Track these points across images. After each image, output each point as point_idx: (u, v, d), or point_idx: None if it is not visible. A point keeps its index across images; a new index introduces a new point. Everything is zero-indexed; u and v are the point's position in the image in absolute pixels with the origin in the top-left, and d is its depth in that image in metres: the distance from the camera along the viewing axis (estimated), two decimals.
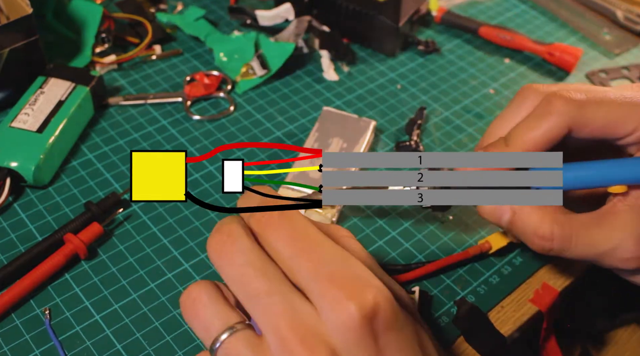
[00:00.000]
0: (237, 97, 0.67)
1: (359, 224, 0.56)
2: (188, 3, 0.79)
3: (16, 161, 0.55)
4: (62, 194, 0.56)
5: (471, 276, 0.53)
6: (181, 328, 0.48)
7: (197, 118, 0.64)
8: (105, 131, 0.63)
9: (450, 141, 0.65)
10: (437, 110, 0.68)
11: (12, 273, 0.49)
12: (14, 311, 0.48)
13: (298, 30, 0.72)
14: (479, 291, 0.52)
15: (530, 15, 0.83)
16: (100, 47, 0.69)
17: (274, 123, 0.65)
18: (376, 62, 0.74)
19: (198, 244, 0.53)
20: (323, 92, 0.69)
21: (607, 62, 0.76)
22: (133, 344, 0.47)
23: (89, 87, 0.61)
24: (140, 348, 0.46)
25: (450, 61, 0.75)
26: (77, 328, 0.47)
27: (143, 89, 0.67)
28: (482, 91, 0.71)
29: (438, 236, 0.55)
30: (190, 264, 0.52)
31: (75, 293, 0.49)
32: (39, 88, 0.60)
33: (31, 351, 0.46)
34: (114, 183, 0.58)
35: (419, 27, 0.78)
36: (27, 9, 0.59)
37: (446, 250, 0.54)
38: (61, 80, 0.61)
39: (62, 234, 0.51)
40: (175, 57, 0.72)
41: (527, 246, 0.46)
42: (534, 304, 0.51)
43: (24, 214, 0.55)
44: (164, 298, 0.49)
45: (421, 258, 0.54)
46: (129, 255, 0.52)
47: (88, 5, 0.69)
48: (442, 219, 0.56)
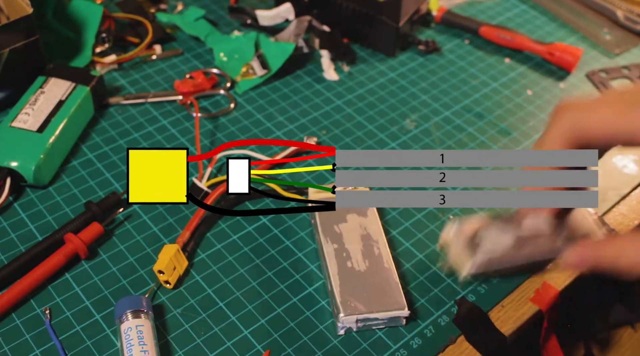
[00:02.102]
0: (238, 97, 0.67)
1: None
2: (188, 3, 0.79)
3: (16, 160, 0.55)
4: (62, 194, 0.56)
5: (472, 276, 0.52)
6: (181, 328, 0.48)
7: (197, 116, 0.64)
8: (105, 130, 0.63)
9: (450, 140, 0.65)
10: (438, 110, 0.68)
11: (12, 273, 0.49)
12: (14, 311, 0.48)
13: (298, 30, 0.72)
14: (479, 291, 0.52)
15: (530, 15, 0.83)
16: (101, 47, 0.69)
17: (274, 123, 0.65)
18: (376, 62, 0.73)
19: (198, 244, 0.53)
20: (323, 92, 0.69)
21: (607, 62, 0.76)
22: None
23: (89, 87, 0.61)
24: None
25: (451, 60, 0.75)
26: (77, 328, 0.47)
27: (143, 89, 0.67)
28: (482, 90, 0.71)
29: (438, 235, 0.55)
30: (190, 264, 0.52)
31: (75, 292, 0.49)
32: (39, 88, 0.60)
33: (31, 351, 0.46)
34: (114, 183, 0.58)
35: (419, 27, 0.78)
36: (27, 9, 0.59)
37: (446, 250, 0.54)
38: (61, 80, 0.61)
39: (62, 234, 0.51)
40: (176, 57, 0.72)
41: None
42: (535, 303, 0.51)
43: (24, 214, 0.55)
44: (165, 298, 0.49)
45: (422, 257, 0.54)
46: (129, 255, 0.52)
47: (88, 5, 0.69)
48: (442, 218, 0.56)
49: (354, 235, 0.51)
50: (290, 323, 0.48)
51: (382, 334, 0.48)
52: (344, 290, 0.48)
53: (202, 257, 0.52)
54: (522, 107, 0.69)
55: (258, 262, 0.52)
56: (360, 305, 0.47)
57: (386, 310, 0.47)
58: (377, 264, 0.50)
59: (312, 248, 0.53)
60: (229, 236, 0.54)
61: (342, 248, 0.50)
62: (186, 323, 0.48)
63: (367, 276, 0.49)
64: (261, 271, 0.52)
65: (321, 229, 0.52)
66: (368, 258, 0.50)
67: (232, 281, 0.51)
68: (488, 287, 0.52)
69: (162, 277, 0.49)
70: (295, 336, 0.48)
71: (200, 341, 0.47)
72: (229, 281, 0.51)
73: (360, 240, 0.51)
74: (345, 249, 0.50)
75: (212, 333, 0.47)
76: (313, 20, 0.72)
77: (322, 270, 0.51)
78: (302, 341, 0.47)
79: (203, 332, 0.47)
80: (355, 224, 0.52)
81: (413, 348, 0.47)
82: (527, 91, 0.71)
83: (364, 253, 0.50)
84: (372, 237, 0.51)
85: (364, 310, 0.47)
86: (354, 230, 0.52)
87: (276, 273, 0.52)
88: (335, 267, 0.49)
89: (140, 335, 0.44)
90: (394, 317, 0.47)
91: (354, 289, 0.48)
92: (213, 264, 0.52)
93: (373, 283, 0.48)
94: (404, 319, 0.48)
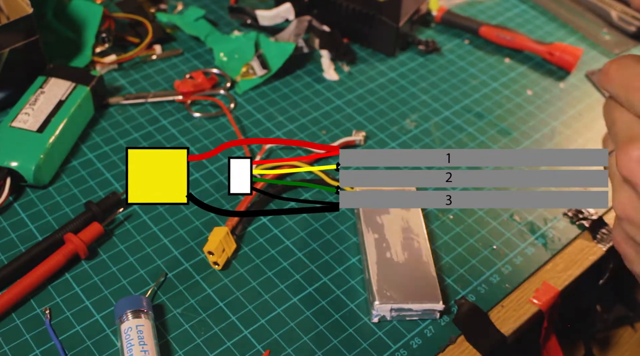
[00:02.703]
0: (238, 97, 0.67)
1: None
2: (188, 3, 0.79)
3: (16, 160, 0.55)
4: (62, 194, 0.56)
5: (472, 275, 0.52)
6: (181, 328, 0.48)
7: (197, 116, 0.64)
8: (105, 130, 0.63)
9: (450, 140, 0.65)
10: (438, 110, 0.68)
11: (12, 273, 0.49)
12: (14, 311, 0.48)
13: (298, 30, 0.72)
14: (479, 291, 0.52)
15: (530, 15, 0.83)
16: (101, 47, 0.69)
17: (274, 123, 0.65)
18: (376, 62, 0.73)
19: (198, 244, 0.53)
20: (323, 91, 0.69)
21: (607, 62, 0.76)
22: None
23: (89, 87, 0.61)
24: None
25: (451, 60, 0.75)
26: (77, 328, 0.47)
27: (143, 89, 0.67)
28: (482, 90, 0.71)
29: (438, 235, 0.55)
30: (190, 264, 0.52)
31: (75, 292, 0.49)
32: (39, 88, 0.60)
33: (31, 351, 0.46)
34: (114, 183, 0.58)
35: (419, 27, 0.78)
36: (27, 9, 0.59)
37: (446, 250, 0.54)
38: (61, 80, 0.61)
39: (62, 234, 0.51)
40: (176, 57, 0.72)
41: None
42: (535, 303, 0.51)
43: (24, 214, 0.55)
44: (165, 298, 0.49)
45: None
46: (129, 255, 0.52)
47: (88, 5, 0.69)
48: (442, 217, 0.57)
49: (395, 227, 0.53)
50: (290, 323, 0.49)
51: (382, 334, 0.48)
52: (381, 279, 0.49)
53: (202, 257, 0.52)
54: (522, 107, 0.69)
55: (258, 262, 0.52)
56: (396, 295, 0.48)
57: (421, 301, 0.48)
58: (416, 256, 0.51)
59: (350, 244, 0.54)
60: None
61: (382, 238, 0.52)
62: (186, 323, 0.48)
63: (405, 268, 0.50)
64: (261, 271, 0.52)
65: (363, 219, 0.53)
66: (407, 250, 0.51)
67: (232, 281, 0.51)
68: (488, 287, 0.52)
69: (211, 258, 0.51)
70: (295, 335, 0.48)
71: (200, 341, 0.47)
72: (228, 281, 0.51)
73: (401, 232, 0.52)
74: (386, 239, 0.52)
75: (212, 333, 0.47)
76: (313, 20, 0.72)
77: (362, 262, 0.53)
78: (302, 341, 0.47)
79: (203, 332, 0.47)
80: (397, 216, 0.53)
81: (413, 348, 0.48)
82: (527, 91, 0.71)
83: (404, 245, 0.51)
84: (413, 230, 0.53)
85: (399, 300, 0.48)
86: (395, 222, 0.53)
87: (270, 274, 0.52)
88: (374, 256, 0.50)
89: (141, 334, 0.44)
90: (428, 309, 0.48)
91: (391, 279, 0.49)
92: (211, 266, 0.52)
93: (410, 274, 0.49)
94: (438, 313, 0.49)
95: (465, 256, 0.54)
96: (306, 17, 0.73)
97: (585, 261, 0.55)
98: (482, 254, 0.54)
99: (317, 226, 0.55)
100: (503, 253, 0.54)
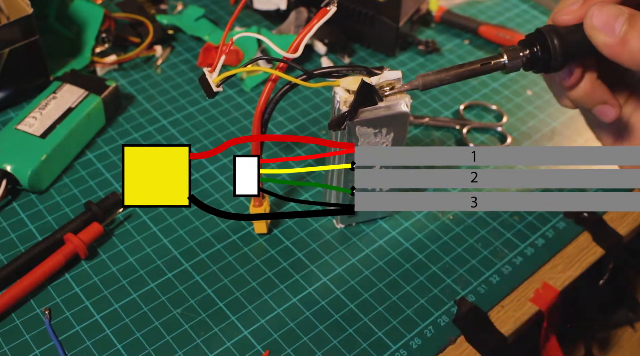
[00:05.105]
0: (238, 97, 0.67)
1: (359, 224, 0.56)
2: (188, 3, 0.79)
3: (13, 163, 0.54)
4: (62, 194, 0.56)
5: (471, 276, 0.52)
6: (181, 328, 0.48)
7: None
8: (105, 130, 0.63)
9: (450, 140, 0.65)
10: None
11: (12, 273, 0.49)
12: (14, 311, 0.48)
13: (298, 22, 0.72)
14: (479, 291, 0.52)
15: (530, 15, 0.83)
16: (101, 47, 0.69)
17: (274, 123, 0.65)
18: (376, 62, 0.73)
19: (198, 244, 0.53)
20: (323, 92, 0.69)
21: None
22: (133, 344, 0.46)
23: (101, 97, 0.60)
24: (140, 348, 0.46)
25: (451, 60, 0.75)
26: (77, 328, 0.47)
27: (143, 89, 0.67)
28: (482, 90, 0.71)
29: (438, 235, 0.55)
30: (190, 264, 0.52)
31: (75, 293, 0.49)
32: (53, 93, 0.60)
33: (31, 351, 0.46)
34: (114, 183, 0.58)
35: (419, 27, 0.78)
36: (28, 9, 0.59)
37: (446, 250, 0.54)
38: (75, 87, 0.60)
39: (62, 234, 0.51)
40: (176, 57, 0.72)
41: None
42: (535, 303, 0.51)
43: (24, 214, 0.55)
44: (164, 298, 0.49)
45: (421, 257, 0.54)
46: (129, 255, 0.52)
47: (90, 6, 0.69)
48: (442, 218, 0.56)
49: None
50: (290, 323, 0.49)
51: (382, 334, 0.48)
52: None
53: (202, 257, 0.52)
54: (522, 107, 0.69)
55: (258, 262, 0.52)
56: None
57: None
58: None
59: None
60: (229, 236, 0.54)
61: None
62: (186, 323, 0.48)
63: None
64: (261, 271, 0.52)
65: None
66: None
67: (232, 281, 0.51)
68: (488, 287, 0.52)
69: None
70: (295, 335, 0.48)
71: (200, 341, 0.47)
72: (228, 281, 0.51)
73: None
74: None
75: (212, 333, 0.47)
76: (313, 12, 0.72)
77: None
78: (302, 342, 0.47)
79: (203, 332, 0.47)
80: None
81: (413, 348, 0.48)
82: (527, 91, 0.71)
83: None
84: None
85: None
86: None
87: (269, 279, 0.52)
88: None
89: None
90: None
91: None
92: (213, 265, 0.52)
93: None
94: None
95: (465, 256, 0.54)
96: (302, 9, 0.72)
97: (585, 262, 0.55)
98: (482, 254, 0.54)
99: (316, 226, 0.55)
100: (503, 253, 0.54)
